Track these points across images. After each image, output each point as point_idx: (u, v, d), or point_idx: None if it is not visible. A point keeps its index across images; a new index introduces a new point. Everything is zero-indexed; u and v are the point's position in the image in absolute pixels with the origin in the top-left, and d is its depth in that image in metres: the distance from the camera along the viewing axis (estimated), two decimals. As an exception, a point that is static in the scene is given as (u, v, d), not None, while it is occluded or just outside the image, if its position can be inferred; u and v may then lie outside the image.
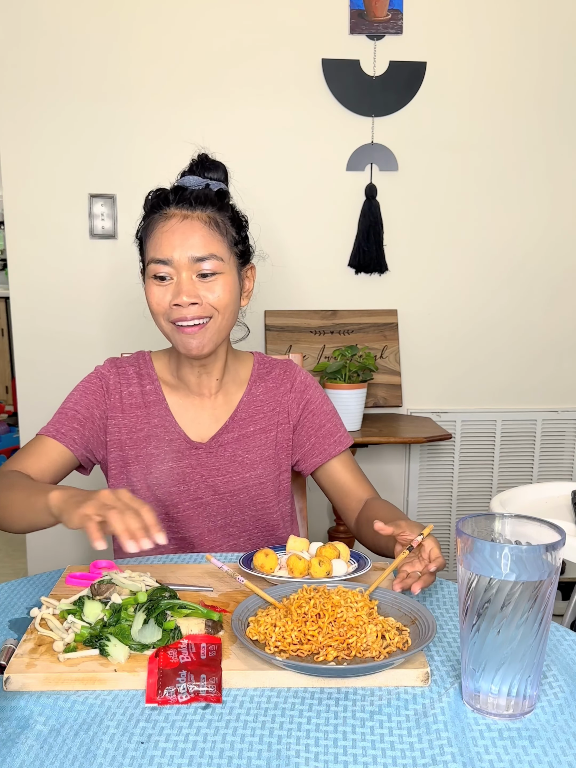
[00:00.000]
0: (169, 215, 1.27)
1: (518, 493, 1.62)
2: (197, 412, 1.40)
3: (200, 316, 1.27)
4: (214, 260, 1.26)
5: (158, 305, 1.28)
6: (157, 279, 1.27)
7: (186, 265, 1.25)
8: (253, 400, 1.42)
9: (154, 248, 1.26)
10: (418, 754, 0.74)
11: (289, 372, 1.45)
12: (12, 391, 5.38)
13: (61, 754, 0.75)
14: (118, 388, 1.39)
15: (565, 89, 2.52)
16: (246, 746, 0.76)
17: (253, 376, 1.44)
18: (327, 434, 1.44)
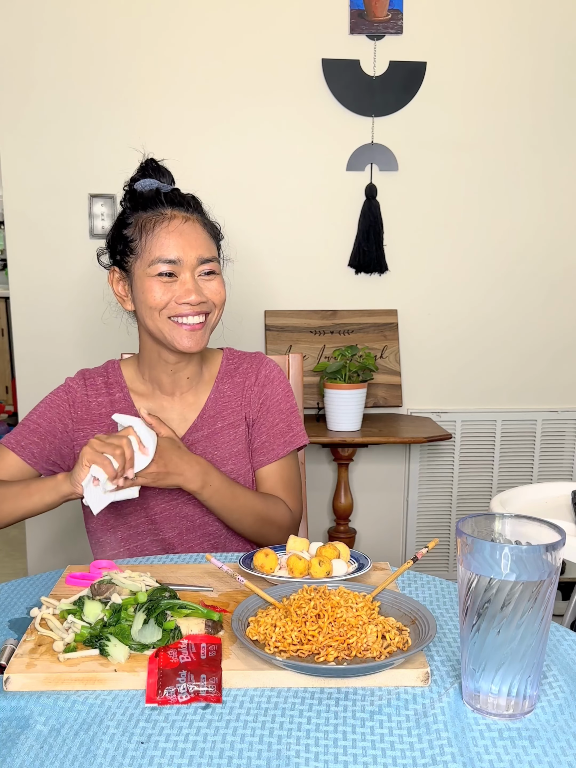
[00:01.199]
0: (168, 216, 1.30)
1: (518, 493, 1.62)
2: (167, 414, 1.41)
3: (203, 312, 1.31)
4: (214, 261, 1.33)
5: (160, 301, 1.30)
6: (162, 277, 1.29)
7: (192, 266, 1.30)
8: (221, 397, 1.43)
9: (159, 248, 1.28)
10: (418, 754, 0.74)
11: (256, 365, 1.46)
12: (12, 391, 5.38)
13: (61, 754, 0.75)
14: (86, 400, 1.42)
15: (564, 89, 2.52)
16: (246, 746, 0.76)
17: (220, 373, 1.45)
18: (278, 433, 1.42)
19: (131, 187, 1.36)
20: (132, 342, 2.46)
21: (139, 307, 1.34)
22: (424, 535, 2.72)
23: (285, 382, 1.46)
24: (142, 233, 1.30)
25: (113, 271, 1.38)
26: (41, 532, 2.57)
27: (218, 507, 1.34)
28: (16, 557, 3.27)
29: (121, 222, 1.34)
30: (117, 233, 1.35)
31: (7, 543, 3.44)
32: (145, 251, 1.30)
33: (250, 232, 2.50)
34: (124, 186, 1.38)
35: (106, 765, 0.73)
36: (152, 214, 1.31)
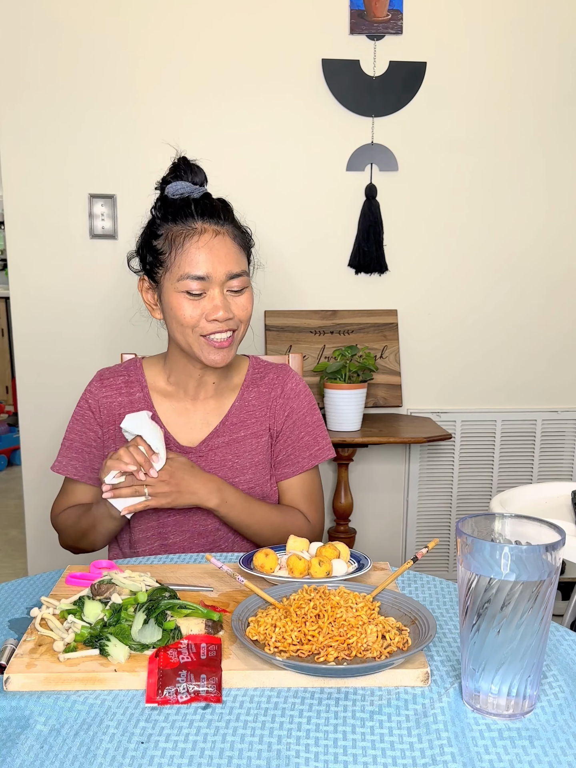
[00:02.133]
0: (198, 230, 1.28)
1: (518, 493, 1.62)
2: (188, 417, 1.41)
3: (231, 329, 1.31)
4: (244, 276, 1.31)
5: (191, 318, 1.29)
6: (191, 294, 1.28)
7: (221, 281, 1.28)
8: (245, 405, 1.43)
9: (189, 264, 1.27)
10: (418, 754, 0.74)
11: (282, 377, 1.46)
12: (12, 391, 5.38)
13: (61, 754, 0.75)
14: (107, 402, 1.42)
15: (564, 89, 2.52)
16: (246, 746, 0.76)
17: (246, 381, 1.45)
18: (304, 446, 1.44)
19: (162, 194, 1.34)
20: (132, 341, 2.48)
21: (168, 320, 1.34)
22: (424, 535, 2.72)
23: (310, 396, 1.47)
24: (172, 247, 1.29)
25: (143, 279, 1.37)
26: (41, 532, 2.57)
27: (235, 522, 1.36)
28: (16, 557, 3.27)
29: (152, 232, 1.33)
30: (147, 243, 1.34)
31: (7, 543, 3.44)
32: (175, 265, 1.29)
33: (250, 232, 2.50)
34: (156, 187, 1.36)
35: (106, 765, 0.73)
36: (182, 228, 1.29)
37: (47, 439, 2.52)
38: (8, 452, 4.57)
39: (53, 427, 2.52)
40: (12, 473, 4.48)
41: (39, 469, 2.53)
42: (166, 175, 1.35)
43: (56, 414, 2.51)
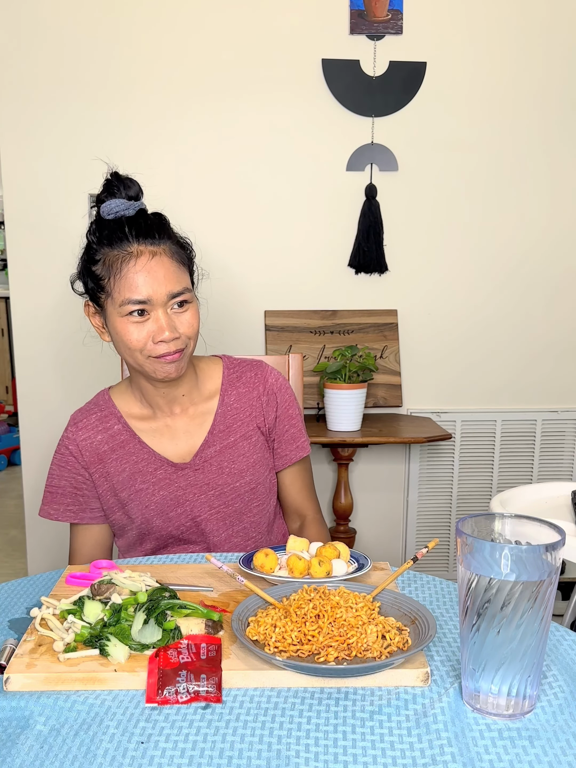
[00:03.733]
0: (135, 253, 1.26)
1: (518, 493, 1.62)
2: (172, 434, 1.40)
3: (179, 348, 1.29)
4: (186, 293, 1.29)
5: (138, 342, 1.27)
6: (134, 316, 1.26)
7: (162, 303, 1.26)
8: (228, 410, 1.41)
9: (128, 289, 1.25)
10: (418, 754, 0.74)
11: (260, 374, 1.44)
12: (12, 391, 5.38)
13: (61, 754, 0.75)
14: (88, 445, 1.39)
15: (565, 89, 2.52)
16: (246, 746, 0.76)
17: (224, 385, 1.43)
18: (290, 439, 1.45)
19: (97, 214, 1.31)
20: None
21: (116, 344, 1.33)
22: (424, 535, 2.72)
23: (291, 389, 1.47)
24: (110, 272, 1.27)
25: (87, 304, 1.35)
26: (41, 532, 2.57)
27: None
28: (16, 557, 3.27)
29: (89, 257, 1.31)
30: (86, 268, 1.32)
31: (7, 543, 3.44)
32: (115, 291, 1.27)
33: (250, 232, 2.51)
34: (91, 206, 1.35)
35: (106, 765, 0.73)
36: (118, 251, 1.26)
37: (47, 439, 2.52)
38: (8, 452, 4.57)
39: (53, 428, 2.51)
40: (12, 473, 4.48)
41: (39, 469, 2.53)
42: (100, 193, 1.32)
43: (56, 414, 2.51)
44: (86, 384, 2.52)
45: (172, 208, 2.44)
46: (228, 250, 2.51)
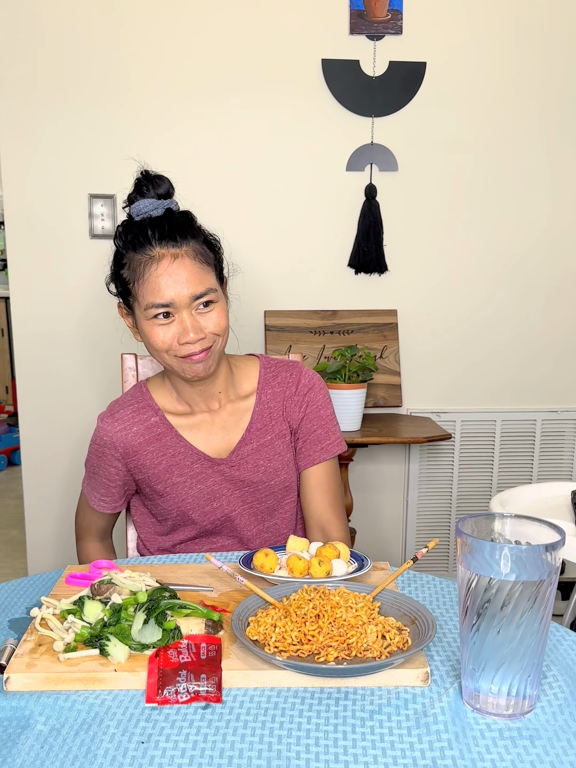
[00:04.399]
0: (156, 256, 1.27)
1: (518, 493, 1.62)
2: (209, 429, 1.41)
3: (206, 347, 1.30)
4: (210, 293, 1.29)
5: (163, 343, 1.29)
6: (159, 319, 1.28)
7: (186, 304, 1.27)
8: (265, 409, 1.42)
9: (151, 293, 1.27)
10: (419, 755, 0.74)
11: (295, 374, 1.45)
12: (12, 391, 5.38)
13: (62, 754, 0.75)
14: (123, 437, 1.40)
15: (565, 89, 2.52)
16: (246, 746, 0.76)
17: (260, 383, 1.44)
18: (316, 440, 1.44)
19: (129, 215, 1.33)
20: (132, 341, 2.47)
21: (147, 346, 1.35)
22: (424, 535, 2.72)
23: (325, 390, 1.47)
24: (135, 277, 1.29)
25: (120, 305, 1.38)
26: (41, 532, 2.57)
27: None
28: (16, 557, 3.27)
29: (117, 261, 1.34)
30: (115, 272, 1.35)
31: (7, 543, 3.44)
32: (140, 295, 1.29)
33: (250, 232, 2.50)
34: (123, 206, 1.35)
35: (107, 765, 0.73)
36: (142, 255, 1.28)
37: (47, 439, 2.52)
38: (8, 452, 4.57)
39: (53, 427, 2.52)
40: (12, 473, 4.48)
41: (39, 469, 2.53)
42: (130, 193, 1.33)
43: (56, 414, 2.51)
44: (86, 384, 2.52)
45: (172, 208, 2.45)
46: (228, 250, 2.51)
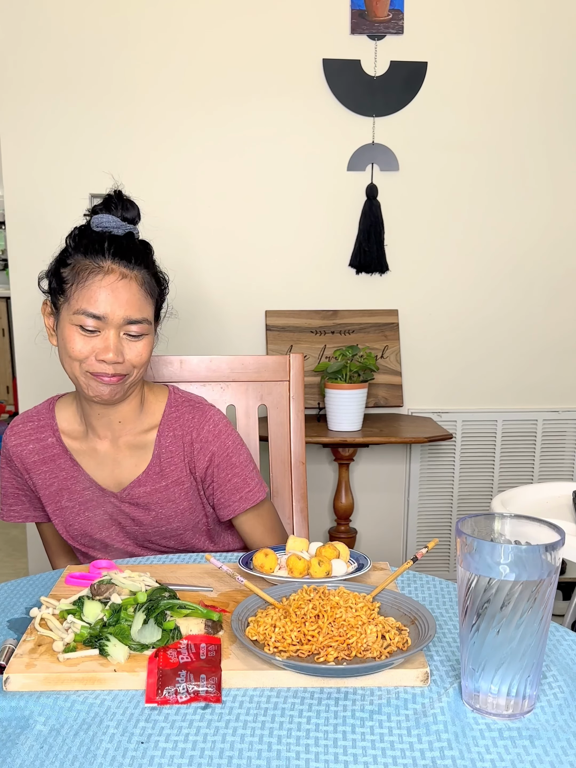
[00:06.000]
0: (106, 269, 1.24)
1: (519, 493, 1.62)
2: (102, 459, 1.36)
3: (119, 373, 1.25)
4: (144, 324, 1.26)
5: (80, 353, 1.24)
6: (83, 330, 1.23)
7: (117, 324, 1.23)
8: (164, 452, 1.35)
9: (87, 300, 1.22)
10: (418, 755, 0.74)
11: (198, 418, 1.36)
12: (13, 391, 5.39)
13: (61, 754, 0.75)
14: (18, 452, 1.38)
15: (566, 89, 2.52)
16: (246, 746, 0.76)
17: (162, 424, 1.36)
18: (233, 489, 1.36)
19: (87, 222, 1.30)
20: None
21: (60, 350, 1.29)
22: (425, 535, 2.71)
23: (233, 435, 1.38)
24: (76, 279, 1.24)
25: (45, 303, 1.32)
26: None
27: None
28: (17, 557, 3.28)
29: (62, 259, 1.29)
30: (55, 269, 1.29)
31: (8, 543, 3.44)
32: (74, 298, 1.24)
33: (251, 232, 2.51)
34: (84, 213, 1.33)
35: (107, 765, 0.73)
36: (90, 262, 1.24)
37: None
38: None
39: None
40: (13, 473, 4.48)
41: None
42: (96, 205, 1.32)
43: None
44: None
45: (172, 208, 2.45)
46: (228, 250, 2.51)
